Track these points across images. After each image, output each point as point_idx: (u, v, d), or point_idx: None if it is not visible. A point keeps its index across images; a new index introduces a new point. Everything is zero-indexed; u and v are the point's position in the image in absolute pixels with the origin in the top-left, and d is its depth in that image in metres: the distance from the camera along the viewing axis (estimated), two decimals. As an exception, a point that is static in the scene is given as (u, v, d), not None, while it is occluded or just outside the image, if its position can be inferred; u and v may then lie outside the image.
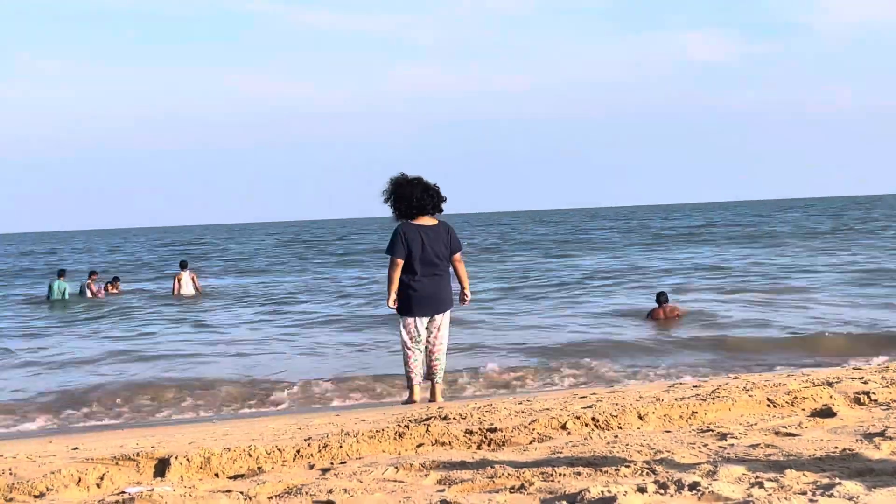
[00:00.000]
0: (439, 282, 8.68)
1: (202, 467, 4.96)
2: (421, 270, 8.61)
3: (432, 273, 8.64)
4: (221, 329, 16.95)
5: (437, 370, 8.80)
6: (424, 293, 8.63)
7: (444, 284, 8.75)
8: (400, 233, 8.63)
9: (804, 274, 23.36)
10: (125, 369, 12.51)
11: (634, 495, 3.82)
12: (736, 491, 3.86)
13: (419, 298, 8.64)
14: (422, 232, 8.64)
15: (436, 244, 8.65)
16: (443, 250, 8.68)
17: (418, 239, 8.61)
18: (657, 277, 24.57)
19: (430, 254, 8.62)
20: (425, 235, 8.63)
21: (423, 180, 8.76)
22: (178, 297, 23.36)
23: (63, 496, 4.53)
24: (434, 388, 8.82)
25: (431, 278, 8.63)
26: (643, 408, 6.02)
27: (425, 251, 8.60)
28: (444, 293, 8.77)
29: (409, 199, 8.67)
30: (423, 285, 8.61)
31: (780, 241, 39.99)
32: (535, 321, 16.37)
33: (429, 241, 8.63)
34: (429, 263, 8.61)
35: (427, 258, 8.60)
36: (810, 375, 7.69)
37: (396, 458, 5.09)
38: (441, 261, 8.67)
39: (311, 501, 4.09)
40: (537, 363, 11.83)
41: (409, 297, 8.66)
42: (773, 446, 4.84)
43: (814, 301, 17.35)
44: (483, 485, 4.27)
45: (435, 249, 8.64)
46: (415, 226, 8.68)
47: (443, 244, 8.68)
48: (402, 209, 8.72)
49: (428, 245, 8.61)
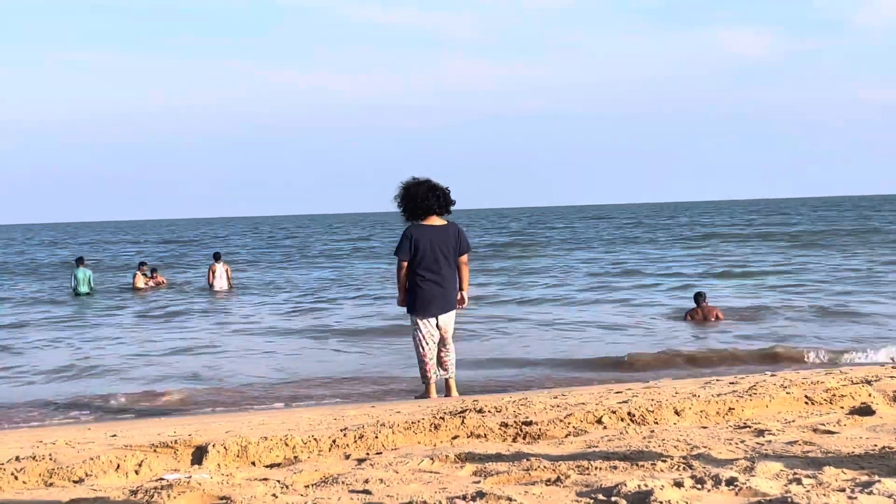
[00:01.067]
0: (448, 282, 8.77)
1: (239, 455, 5.00)
2: (429, 270, 8.71)
3: (440, 273, 8.72)
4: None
5: (448, 364, 8.89)
6: (434, 293, 8.72)
7: (452, 284, 8.83)
8: (407, 234, 8.75)
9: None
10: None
11: (671, 489, 3.80)
12: (774, 487, 3.83)
13: (429, 298, 8.73)
14: (430, 232, 8.74)
15: (444, 245, 8.74)
16: (451, 251, 8.78)
17: (426, 239, 8.70)
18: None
19: (438, 254, 8.71)
20: (433, 236, 8.73)
21: (431, 181, 8.85)
22: (213, 292, 23.41)
23: (102, 482, 4.58)
24: (448, 383, 8.91)
25: (440, 278, 8.72)
26: (679, 403, 5.99)
27: (433, 251, 8.69)
28: (453, 293, 8.85)
29: (414, 199, 8.75)
30: (432, 285, 8.70)
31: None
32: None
33: (436, 241, 8.72)
34: (437, 263, 8.70)
35: (435, 258, 8.70)
36: (849, 374, 7.62)
37: (432, 449, 5.10)
38: (449, 261, 8.77)
39: (348, 491, 4.11)
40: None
41: (419, 297, 8.76)
42: (811, 443, 4.80)
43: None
44: (519, 477, 4.28)
45: (443, 250, 8.73)
46: (423, 226, 8.77)
47: (451, 244, 8.78)
48: (408, 209, 8.83)
49: (436, 245, 8.70)
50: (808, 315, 15.58)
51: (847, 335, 13.16)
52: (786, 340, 12.75)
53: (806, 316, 15.53)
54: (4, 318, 19.11)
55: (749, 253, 33.45)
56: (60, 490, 4.41)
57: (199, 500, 4.05)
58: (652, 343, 12.99)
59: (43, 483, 4.59)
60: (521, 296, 20.49)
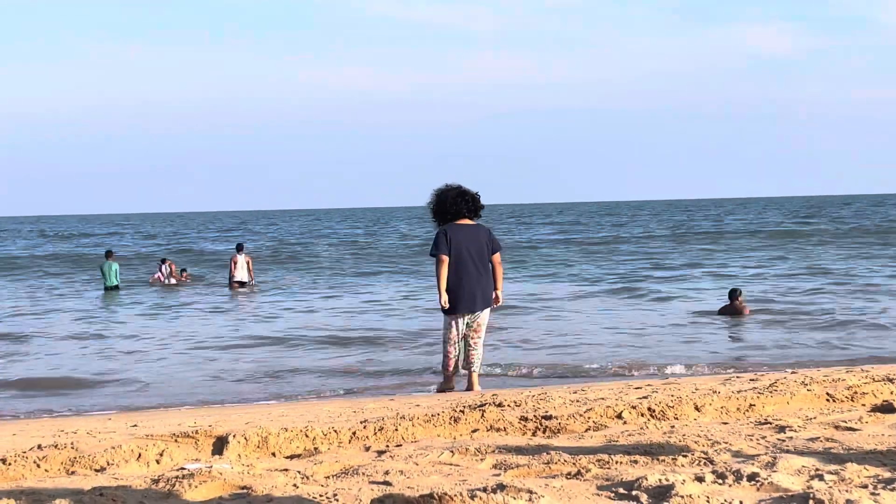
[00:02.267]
0: (480, 279, 8.86)
1: (259, 446, 5.02)
2: (461, 269, 8.81)
3: (473, 271, 8.83)
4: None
5: (474, 360, 8.96)
6: (466, 291, 8.81)
7: (486, 282, 8.92)
8: (442, 232, 8.89)
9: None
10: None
11: (692, 484, 3.80)
12: (795, 483, 3.82)
13: (461, 296, 8.82)
14: (461, 231, 8.87)
15: (475, 243, 8.87)
16: (483, 249, 8.90)
17: (458, 238, 8.83)
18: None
19: (472, 252, 8.83)
20: (464, 235, 8.86)
21: (461, 188, 9.02)
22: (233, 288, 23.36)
23: (123, 471, 4.60)
24: (471, 376, 8.97)
25: (472, 276, 8.81)
26: (700, 399, 5.98)
27: (466, 249, 8.81)
28: (487, 290, 8.93)
29: (443, 204, 8.94)
30: (464, 283, 8.79)
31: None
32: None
33: (468, 240, 8.85)
34: (469, 262, 8.81)
35: (468, 256, 8.81)
36: (870, 371, 7.59)
37: (452, 442, 5.10)
38: (481, 259, 8.88)
39: (368, 482, 4.11)
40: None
41: (452, 295, 8.83)
42: (832, 440, 4.78)
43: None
44: (539, 470, 4.27)
45: (473, 249, 8.85)
46: (455, 226, 8.90)
47: (483, 243, 8.90)
48: (438, 213, 9.01)
49: (467, 244, 8.83)
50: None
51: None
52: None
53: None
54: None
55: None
56: (82, 478, 4.43)
57: (220, 490, 4.06)
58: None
59: (65, 471, 4.62)
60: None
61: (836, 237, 41.87)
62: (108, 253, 25.44)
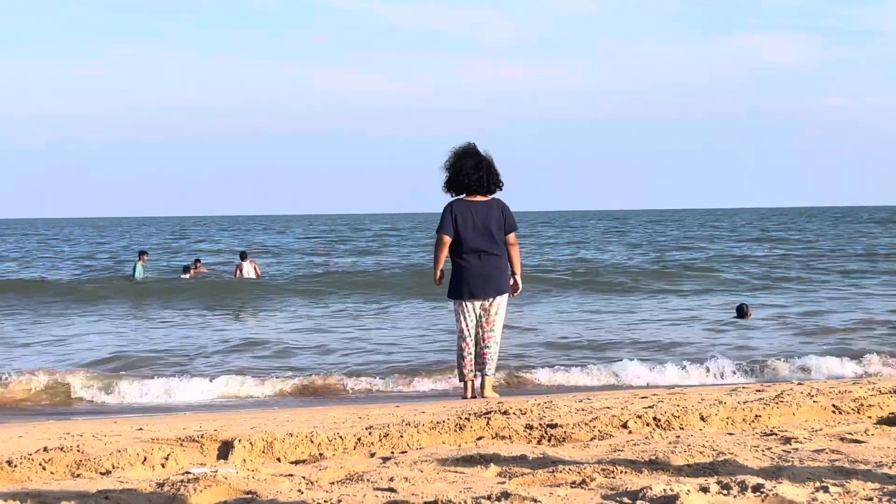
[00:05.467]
0: (491, 261, 8.17)
1: (264, 451, 5.03)
2: (470, 249, 8.14)
3: (482, 252, 8.14)
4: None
5: (487, 360, 8.25)
6: (474, 273, 8.14)
7: (497, 265, 8.21)
8: (448, 209, 8.22)
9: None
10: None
11: (697, 494, 3.79)
12: (800, 494, 3.81)
13: (468, 279, 8.16)
14: (472, 208, 8.18)
15: (487, 221, 8.16)
16: (494, 228, 8.17)
17: (468, 215, 8.16)
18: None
19: (481, 231, 8.15)
20: (475, 212, 8.17)
21: (478, 155, 8.27)
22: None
23: (129, 474, 4.61)
24: (484, 381, 8.32)
25: (482, 257, 8.14)
26: (705, 410, 5.97)
27: (475, 229, 8.14)
28: (497, 275, 8.21)
29: (457, 173, 8.23)
30: (472, 265, 8.14)
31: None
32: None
33: (479, 217, 8.16)
34: (479, 242, 8.14)
35: (477, 236, 8.14)
36: (877, 384, 7.56)
37: (457, 449, 5.10)
38: (493, 239, 8.17)
39: (373, 488, 4.12)
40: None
41: (458, 277, 8.23)
42: (838, 452, 4.77)
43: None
44: (544, 479, 4.27)
45: (485, 227, 8.15)
46: (465, 202, 8.22)
47: (494, 221, 8.18)
48: (448, 182, 8.32)
49: (478, 222, 8.15)
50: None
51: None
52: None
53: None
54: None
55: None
56: (88, 481, 4.45)
57: (225, 494, 4.07)
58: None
59: (70, 474, 4.63)
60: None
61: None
62: (142, 253, 25.86)
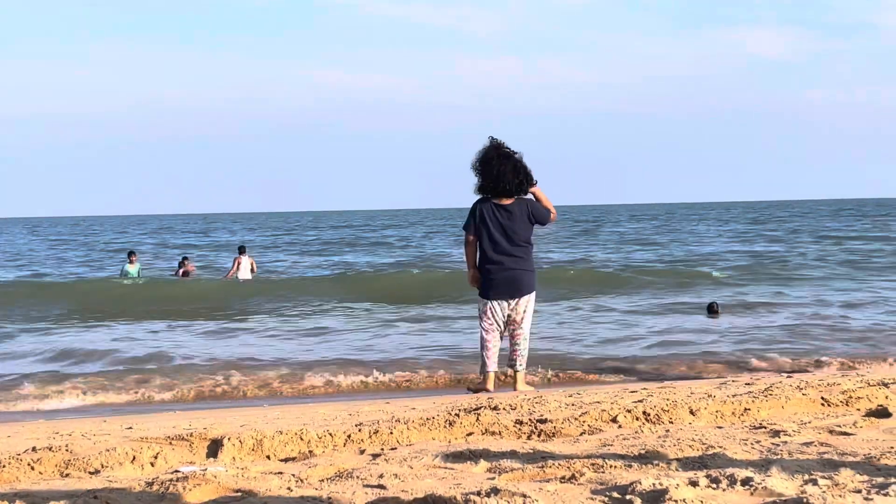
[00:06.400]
0: (518, 263, 8.29)
1: (254, 449, 5.02)
2: (496, 251, 8.26)
3: (509, 254, 8.26)
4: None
5: (517, 357, 8.43)
6: (500, 275, 8.27)
7: (524, 266, 8.33)
8: (475, 209, 8.35)
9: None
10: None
11: (686, 488, 3.80)
12: (789, 487, 3.82)
13: (495, 281, 8.29)
14: (498, 209, 8.27)
15: (514, 223, 8.26)
16: (522, 229, 8.28)
17: (494, 217, 8.26)
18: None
19: (508, 233, 8.25)
20: (502, 214, 8.26)
21: (510, 157, 8.30)
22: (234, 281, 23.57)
23: (118, 473, 4.60)
24: (516, 376, 8.48)
25: (508, 259, 8.26)
26: (695, 403, 5.98)
27: (502, 230, 8.25)
28: (524, 275, 8.33)
29: (487, 174, 8.27)
30: (499, 267, 8.26)
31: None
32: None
33: (505, 219, 8.25)
34: (504, 245, 8.25)
35: (503, 238, 8.25)
36: (865, 376, 7.59)
37: (446, 445, 5.10)
38: (520, 240, 8.28)
39: (362, 485, 4.11)
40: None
41: (485, 278, 8.35)
42: (827, 444, 4.79)
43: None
44: (533, 474, 4.28)
45: (513, 228, 8.26)
46: (492, 203, 8.31)
47: (522, 221, 8.28)
48: (479, 184, 8.38)
49: (505, 224, 8.25)
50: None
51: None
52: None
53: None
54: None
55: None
56: (77, 481, 4.43)
57: (215, 493, 4.06)
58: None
59: (59, 474, 4.62)
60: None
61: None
62: (131, 253, 25.74)
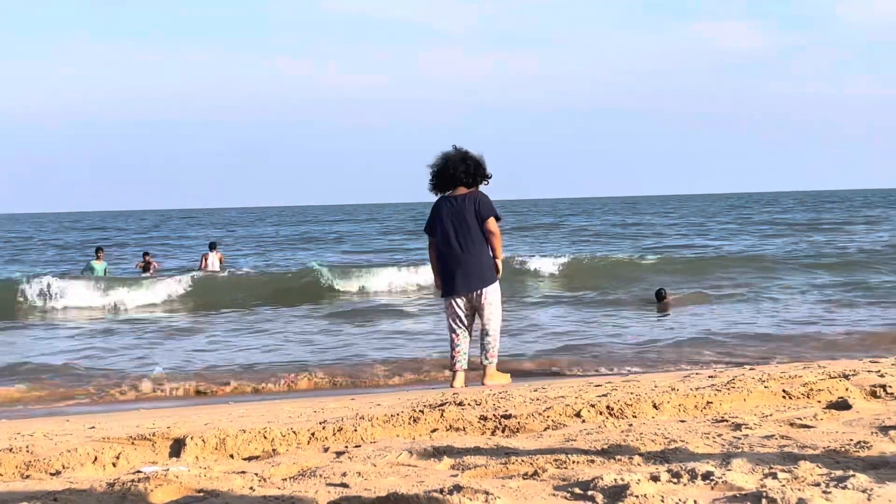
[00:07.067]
0: (470, 257, 8.26)
1: (217, 448, 5.00)
2: (449, 244, 8.28)
3: (461, 248, 8.25)
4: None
5: (487, 347, 8.41)
6: (455, 269, 8.27)
7: (477, 259, 8.29)
8: (433, 208, 8.40)
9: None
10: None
11: (647, 483, 3.82)
12: (749, 481, 3.85)
13: (451, 274, 8.30)
14: (450, 202, 8.31)
15: (466, 214, 8.25)
16: (471, 220, 8.26)
17: (446, 211, 8.29)
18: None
19: (459, 226, 8.26)
20: (452, 206, 8.29)
21: (462, 153, 8.40)
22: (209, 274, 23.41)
23: (79, 474, 4.57)
24: (485, 370, 8.46)
25: (461, 254, 8.26)
26: (658, 397, 6.02)
27: (453, 223, 8.27)
28: (478, 269, 8.29)
29: (444, 169, 8.37)
30: (453, 263, 8.27)
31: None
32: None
33: (458, 212, 8.26)
34: (457, 237, 8.25)
35: (454, 231, 8.27)
36: (826, 368, 7.66)
37: (411, 442, 5.10)
38: (470, 232, 8.26)
39: (325, 484, 4.11)
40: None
41: (443, 275, 8.37)
42: (787, 437, 4.83)
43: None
44: (496, 471, 4.28)
45: (458, 220, 8.27)
46: (445, 198, 8.37)
47: (470, 213, 8.27)
48: (435, 174, 8.45)
49: (455, 216, 8.27)
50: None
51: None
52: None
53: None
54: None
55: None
56: (37, 482, 4.39)
57: (177, 493, 4.04)
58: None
59: (20, 475, 4.58)
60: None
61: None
62: (99, 249, 25.20)
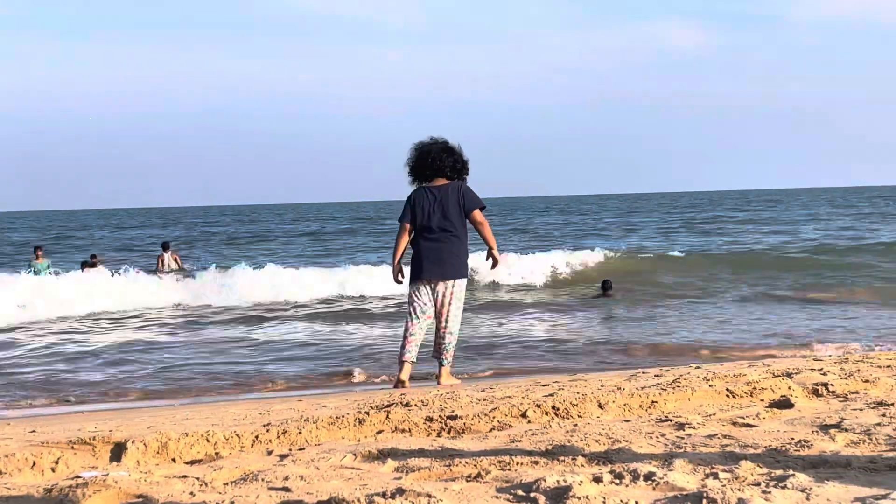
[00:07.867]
0: (447, 245, 8.25)
1: (159, 452, 4.93)
2: (427, 232, 8.27)
3: (439, 235, 8.24)
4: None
5: (443, 350, 8.35)
6: (428, 256, 8.23)
7: (453, 248, 8.28)
8: (409, 198, 8.38)
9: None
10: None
11: (590, 485, 3.82)
12: (691, 482, 3.87)
13: (423, 261, 8.26)
14: (431, 192, 8.32)
15: (446, 204, 8.25)
16: (453, 210, 8.27)
17: (426, 200, 8.28)
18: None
19: (438, 215, 8.27)
20: (434, 195, 8.30)
21: (442, 143, 8.46)
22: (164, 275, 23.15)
23: (16, 480, 4.49)
24: (441, 370, 8.41)
25: (437, 241, 8.24)
26: (603, 397, 6.04)
27: (433, 212, 8.26)
28: (453, 258, 8.27)
29: (424, 159, 8.40)
30: (428, 248, 8.24)
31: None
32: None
33: (437, 201, 8.27)
34: (435, 225, 8.25)
35: (434, 219, 8.26)
36: (770, 366, 7.73)
37: (355, 444, 5.07)
38: (450, 222, 8.26)
39: (267, 488, 4.07)
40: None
41: (414, 259, 8.35)
42: (729, 437, 4.86)
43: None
44: (440, 473, 4.27)
45: (445, 209, 8.26)
46: (425, 188, 8.38)
47: (454, 205, 8.27)
48: (414, 170, 8.48)
49: (436, 205, 8.27)
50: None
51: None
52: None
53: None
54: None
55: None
56: (-27, 489, 4.31)
57: (115, 499, 3.98)
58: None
59: (-45, 481, 4.49)
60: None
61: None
62: (38, 248, 24.53)
